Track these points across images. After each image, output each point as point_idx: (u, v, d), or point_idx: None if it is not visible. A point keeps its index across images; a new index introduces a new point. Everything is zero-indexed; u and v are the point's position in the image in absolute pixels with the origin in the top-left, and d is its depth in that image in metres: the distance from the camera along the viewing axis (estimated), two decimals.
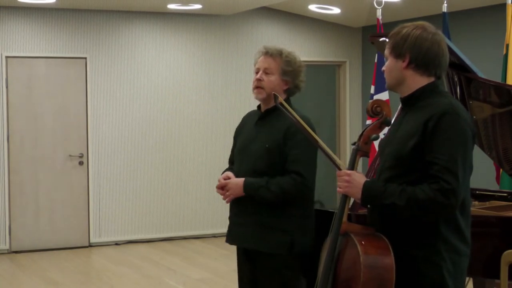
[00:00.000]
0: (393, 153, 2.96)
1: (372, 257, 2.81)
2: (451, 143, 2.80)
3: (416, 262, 2.87)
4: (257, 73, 3.86)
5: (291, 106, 3.80)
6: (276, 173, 3.72)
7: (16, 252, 9.12)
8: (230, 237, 4.02)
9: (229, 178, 3.86)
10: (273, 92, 3.63)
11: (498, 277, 3.86)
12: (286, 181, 3.68)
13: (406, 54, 2.94)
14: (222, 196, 3.92)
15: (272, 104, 3.81)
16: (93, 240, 9.50)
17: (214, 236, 9.98)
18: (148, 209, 9.77)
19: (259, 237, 3.76)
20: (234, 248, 4.11)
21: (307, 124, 3.69)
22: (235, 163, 3.99)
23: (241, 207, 3.88)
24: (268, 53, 3.84)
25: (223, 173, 3.98)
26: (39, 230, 9.24)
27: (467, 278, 5.47)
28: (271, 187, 3.68)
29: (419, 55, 2.94)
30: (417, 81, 2.97)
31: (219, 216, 9.96)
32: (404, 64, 2.95)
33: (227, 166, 4.16)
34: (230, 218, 4.04)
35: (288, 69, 3.81)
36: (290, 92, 3.89)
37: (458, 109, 2.89)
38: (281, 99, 3.42)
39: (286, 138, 3.71)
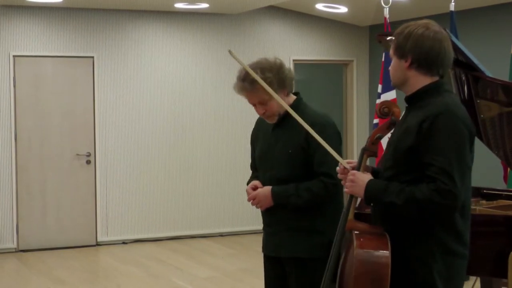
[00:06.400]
0: (392, 153, 2.97)
1: (366, 252, 2.81)
2: (447, 144, 2.78)
3: (409, 261, 2.88)
4: (254, 105, 3.73)
5: (303, 106, 3.77)
6: (301, 177, 3.63)
7: (23, 251, 9.15)
8: (266, 248, 3.88)
9: (256, 187, 3.75)
10: (229, 50, 3.49)
11: (505, 276, 3.86)
12: (316, 184, 3.60)
13: (408, 54, 2.92)
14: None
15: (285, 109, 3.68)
16: (100, 239, 9.52)
17: (221, 235, 9.98)
18: (155, 208, 9.78)
19: (295, 243, 3.68)
20: (241, 247, 4.09)
21: (327, 119, 3.70)
22: (259, 171, 3.88)
23: (272, 216, 3.78)
24: (247, 89, 3.66)
25: (248, 182, 3.88)
26: (46, 229, 9.26)
27: (474, 278, 5.47)
28: (301, 193, 3.60)
29: (421, 55, 2.91)
30: (420, 80, 2.95)
31: (226, 215, 9.97)
32: (407, 64, 2.93)
33: (233, 164, 4.12)
34: (263, 228, 3.93)
35: (274, 81, 3.63)
36: (290, 90, 3.76)
37: (454, 108, 2.86)
38: (231, 52, 3.35)
39: (309, 139, 3.55)
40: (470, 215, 2.99)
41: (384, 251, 2.80)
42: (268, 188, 3.70)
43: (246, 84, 3.65)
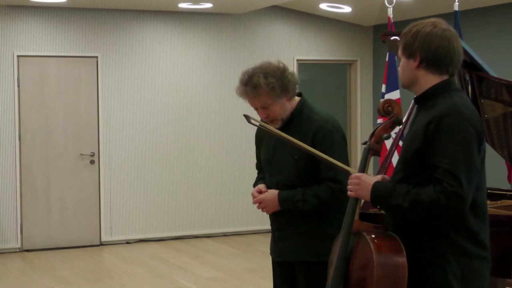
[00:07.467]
0: (402, 155, 2.95)
1: (385, 255, 2.80)
2: (453, 145, 2.74)
3: (423, 264, 2.84)
4: (256, 109, 3.68)
5: (308, 110, 3.71)
6: (308, 182, 3.61)
7: (27, 250, 9.16)
8: (274, 252, 3.87)
9: (261, 191, 3.73)
10: (243, 114, 3.50)
11: (509, 277, 3.85)
12: (323, 190, 3.57)
13: (417, 53, 2.88)
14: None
15: (288, 114, 3.67)
16: (104, 238, 9.52)
17: (225, 235, 9.98)
18: (159, 207, 9.78)
19: (304, 247, 3.66)
20: (245, 247, 4.08)
21: (333, 123, 3.65)
22: (265, 174, 3.85)
23: (279, 221, 3.76)
24: (249, 94, 3.61)
25: (254, 184, 3.86)
26: (51, 229, 9.27)
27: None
28: (307, 199, 3.58)
29: (429, 54, 2.87)
30: (429, 80, 2.91)
31: (230, 215, 9.96)
32: (416, 63, 2.90)
33: (236, 164, 4.10)
34: (272, 232, 3.91)
35: (276, 87, 3.58)
36: (293, 95, 3.69)
37: (461, 108, 2.81)
38: (254, 120, 3.33)
39: (315, 145, 3.51)
40: (487, 216, 2.93)
41: (401, 254, 2.80)
42: (275, 192, 3.68)
43: (248, 88, 3.60)
